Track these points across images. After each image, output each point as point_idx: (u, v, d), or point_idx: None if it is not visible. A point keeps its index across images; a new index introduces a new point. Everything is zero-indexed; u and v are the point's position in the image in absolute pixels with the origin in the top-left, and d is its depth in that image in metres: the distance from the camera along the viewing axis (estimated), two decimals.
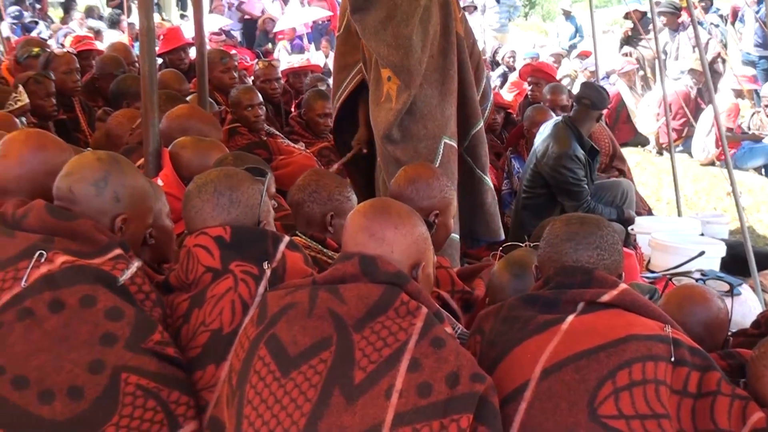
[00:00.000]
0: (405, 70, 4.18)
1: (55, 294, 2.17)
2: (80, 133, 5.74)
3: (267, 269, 2.39)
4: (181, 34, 7.55)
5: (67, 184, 2.38)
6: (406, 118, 4.24)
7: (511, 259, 2.89)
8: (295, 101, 7.24)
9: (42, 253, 2.21)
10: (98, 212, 2.38)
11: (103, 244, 2.31)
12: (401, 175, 3.43)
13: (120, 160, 2.49)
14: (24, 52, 6.23)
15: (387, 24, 4.15)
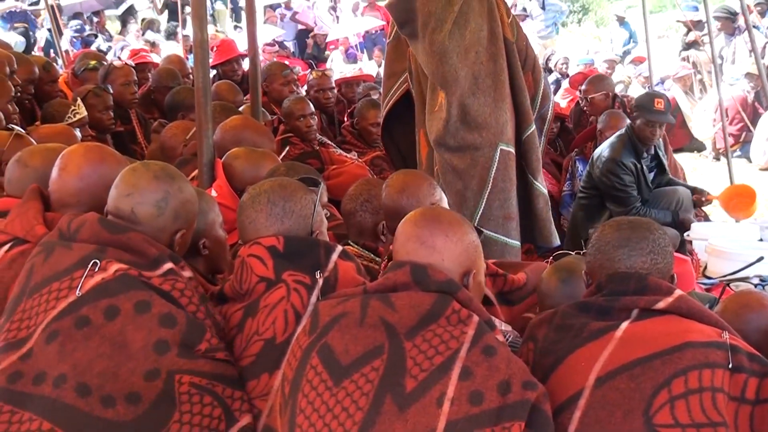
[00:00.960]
0: (441, 76, 4.20)
1: (110, 301, 2.21)
2: (137, 145, 5.81)
3: (319, 279, 2.40)
4: (235, 46, 7.63)
5: (129, 206, 2.40)
6: (461, 128, 4.24)
7: (559, 265, 2.86)
8: (348, 111, 7.26)
9: (96, 262, 2.25)
10: (158, 230, 2.41)
11: (154, 256, 2.34)
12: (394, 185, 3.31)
13: (174, 175, 2.50)
14: (81, 65, 6.33)
15: (423, 32, 4.19)
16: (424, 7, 4.19)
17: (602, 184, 5.79)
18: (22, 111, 4.79)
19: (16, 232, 2.55)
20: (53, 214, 2.61)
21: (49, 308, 2.21)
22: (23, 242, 2.53)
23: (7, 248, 2.54)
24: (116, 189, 2.43)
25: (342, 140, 6.42)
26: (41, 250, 2.34)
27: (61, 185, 2.66)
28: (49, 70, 5.72)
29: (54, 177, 2.67)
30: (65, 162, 2.69)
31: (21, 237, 2.54)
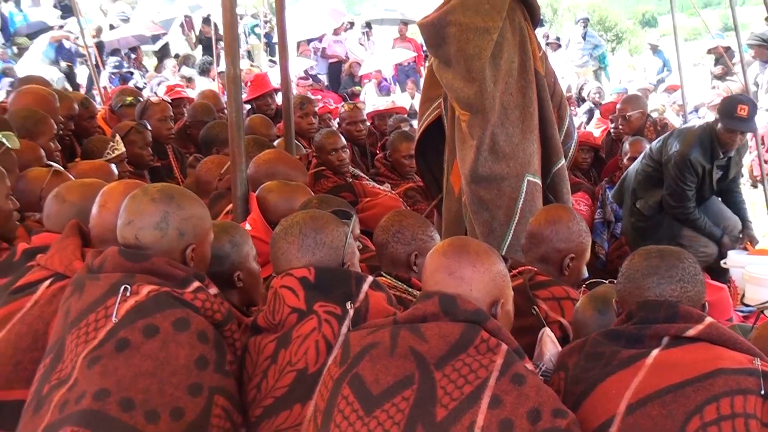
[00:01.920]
0: (478, 103, 4.21)
1: (147, 320, 2.24)
2: (173, 179, 5.84)
3: (350, 309, 2.42)
4: (268, 80, 7.70)
5: (132, 233, 2.43)
6: (489, 158, 4.25)
7: (594, 295, 2.87)
8: (380, 143, 7.31)
9: (126, 287, 2.28)
10: (167, 251, 2.44)
11: (181, 278, 2.37)
12: (542, 215, 3.44)
13: (173, 194, 2.51)
14: (118, 101, 6.40)
15: (459, 57, 4.19)
16: (461, 33, 4.20)
17: (666, 172, 5.71)
18: (63, 147, 4.86)
19: (56, 267, 2.59)
20: (91, 250, 2.64)
21: (90, 339, 2.24)
22: (63, 277, 2.57)
23: (47, 284, 2.59)
24: (120, 219, 2.47)
25: (375, 172, 6.45)
26: (74, 288, 2.38)
27: (101, 221, 2.69)
28: (88, 106, 5.79)
29: (94, 213, 2.72)
30: (105, 199, 2.73)
31: (61, 272, 2.58)
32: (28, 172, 3.65)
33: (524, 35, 4.37)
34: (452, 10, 4.21)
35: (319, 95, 11.72)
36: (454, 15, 4.20)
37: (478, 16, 4.18)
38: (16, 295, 2.60)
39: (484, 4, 4.19)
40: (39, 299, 2.56)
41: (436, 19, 4.26)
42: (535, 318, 3.04)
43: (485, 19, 4.18)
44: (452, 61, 4.23)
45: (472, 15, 4.18)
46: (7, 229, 3.17)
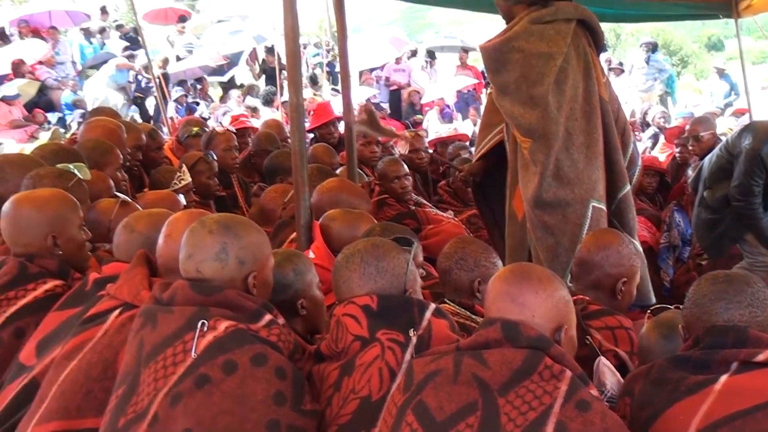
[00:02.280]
0: (540, 129, 4.19)
1: (226, 356, 2.25)
2: (238, 209, 5.91)
3: (413, 336, 2.42)
4: (331, 109, 7.76)
5: (193, 266, 2.45)
6: (553, 183, 4.22)
7: (659, 321, 2.83)
8: (442, 170, 7.31)
9: (204, 322, 2.30)
10: (230, 281, 2.45)
11: (252, 310, 2.39)
12: (591, 241, 3.44)
13: (230, 224, 2.53)
14: (185, 132, 6.47)
15: (521, 84, 4.18)
16: (524, 59, 4.20)
17: (736, 164, 5.55)
18: (131, 177, 4.94)
19: (125, 297, 2.63)
20: (159, 279, 2.68)
21: (168, 374, 2.26)
22: (131, 307, 2.60)
23: (117, 313, 2.62)
24: (181, 254, 2.49)
25: (438, 199, 6.46)
26: (145, 320, 2.40)
27: (167, 251, 2.73)
28: (155, 137, 5.86)
29: (160, 243, 2.76)
30: (170, 229, 2.76)
31: (129, 302, 2.62)
32: (98, 203, 3.73)
33: (588, 61, 4.35)
34: (516, 36, 4.21)
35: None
36: (517, 41, 4.20)
37: (543, 41, 4.17)
38: (87, 324, 2.63)
39: (548, 30, 4.18)
40: (109, 328, 2.59)
41: (499, 44, 4.26)
42: (589, 348, 3.02)
43: (549, 45, 4.17)
44: (513, 87, 4.22)
45: (536, 41, 4.17)
46: (80, 259, 3.22)
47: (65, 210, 3.15)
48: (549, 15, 4.22)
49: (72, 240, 3.15)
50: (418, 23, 43.73)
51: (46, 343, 2.75)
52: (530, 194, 4.27)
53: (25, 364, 2.73)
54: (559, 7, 4.25)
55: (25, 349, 2.79)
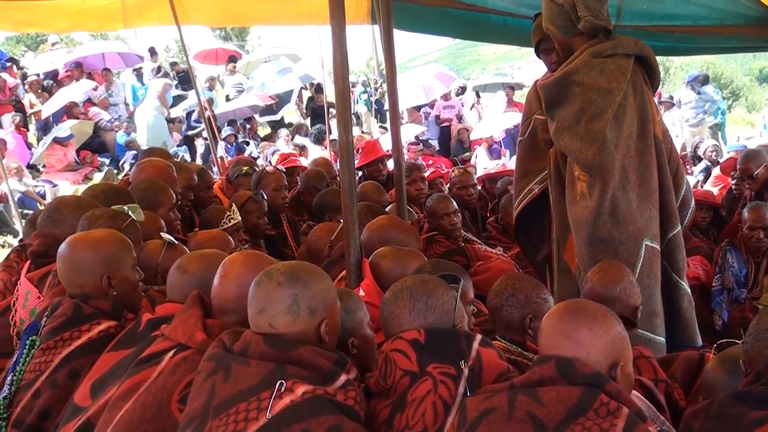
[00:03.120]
0: (597, 165, 4.14)
1: (302, 425, 2.22)
2: (287, 248, 5.94)
3: (464, 368, 2.41)
4: (379, 147, 7.78)
5: (266, 321, 2.44)
6: (609, 221, 4.17)
7: (725, 356, 2.78)
8: (491, 206, 7.29)
9: (282, 383, 2.28)
10: (303, 333, 2.44)
11: (328, 370, 2.37)
12: (603, 277, 3.44)
13: (297, 275, 2.52)
14: (235, 171, 6.52)
15: (580, 118, 4.14)
16: (584, 93, 4.15)
17: None
18: (182, 217, 4.99)
19: (179, 338, 2.65)
20: (213, 320, 2.70)
21: (239, 429, 2.24)
22: (185, 348, 2.62)
23: (171, 354, 2.63)
24: (250, 308, 2.48)
25: (487, 235, 6.44)
26: (216, 366, 2.38)
27: (221, 292, 2.75)
28: (204, 176, 5.92)
29: (215, 284, 2.77)
30: (225, 270, 2.78)
31: (183, 343, 2.63)
32: (146, 245, 3.76)
33: (644, 98, 4.29)
34: (576, 70, 4.18)
35: (430, 160, 11.80)
36: (578, 74, 4.17)
37: (603, 76, 4.14)
38: (142, 365, 2.65)
39: (609, 64, 4.15)
40: (163, 369, 2.60)
41: (559, 78, 4.22)
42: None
43: (609, 80, 4.14)
44: (571, 120, 4.17)
45: (596, 75, 4.14)
46: (134, 299, 3.25)
47: (119, 251, 3.19)
48: (610, 49, 4.17)
49: (126, 280, 3.18)
50: (464, 60, 43.95)
51: (100, 384, 2.77)
52: (585, 231, 4.23)
53: (80, 406, 2.75)
54: (619, 41, 4.21)
55: (79, 391, 2.81)
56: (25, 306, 3.47)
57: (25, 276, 3.56)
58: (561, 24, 4.24)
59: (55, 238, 3.50)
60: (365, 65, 31.27)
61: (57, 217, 3.74)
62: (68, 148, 14.19)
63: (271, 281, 2.47)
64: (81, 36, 26.67)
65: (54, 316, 3.06)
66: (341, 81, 3.71)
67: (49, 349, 2.99)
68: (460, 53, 44.98)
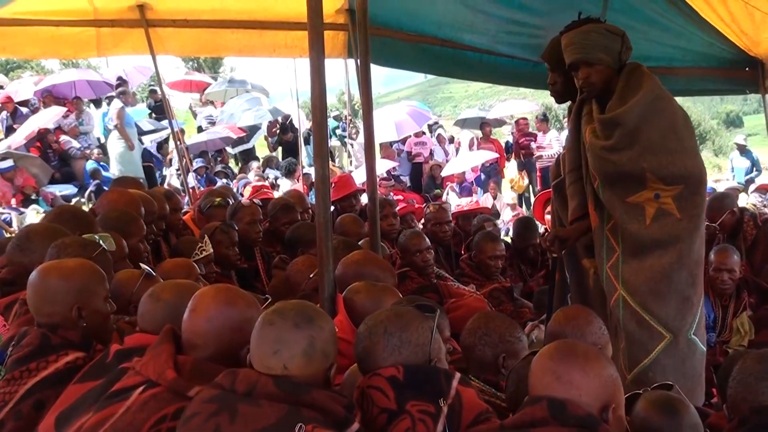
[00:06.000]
0: (698, 172, 4.20)
1: None
2: (259, 281, 5.89)
3: (443, 406, 2.38)
4: (353, 181, 7.78)
5: (280, 364, 2.37)
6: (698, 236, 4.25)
7: (654, 398, 2.70)
8: (465, 243, 7.29)
9: (302, 426, 2.22)
10: (314, 375, 2.39)
11: (341, 417, 2.31)
12: (566, 320, 3.42)
13: (312, 315, 2.46)
14: (207, 203, 6.44)
15: (670, 134, 4.16)
16: (670, 107, 4.24)
17: None
18: (151, 247, 4.93)
19: (149, 374, 2.57)
20: (185, 357, 2.63)
21: None
22: (155, 385, 2.55)
23: (140, 390, 2.56)
24: (260, 348, 2.41)
25: (460, 273, 6.43)
26: (219, 407, 2.30)
27: (191, 326, 2.69)
28: (171, 198, 5.86)
29: (185, 318, 2.71)
30: (195, 303, 2.72)
31: (153, 380, 2.56)
32: (119, 274, 3.70)
33: None
34: (657, 86, 4.24)
35: (400, 195, 11.81)
36: (660, 90, 4.24)
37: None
38: (110, 400, 2.58)
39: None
40: (131, 406, 2.53)
41: (641, 99, 4.19)
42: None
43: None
44: (657, 137, 4.17)
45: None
46: (104, 331, 3.18)
47: (92, 282, 3.13)
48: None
49: (97, 312, 3.13)
50: (437, 97, 44.28)
51: (66, 417, 2.69)
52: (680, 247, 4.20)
53: None
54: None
55: (44, 423, 2.74)
56: None
57: None
58: (614, 54, 4.25)
59: (24, 266, 3.46)
60: (337, 99, 31.38)
61: (26, 246, 3.69)
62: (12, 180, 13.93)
63: (286, 321, 2.41)
64: (51, 63, 26.63)
65: (20, 345, 2.99)
66: (319, 113, 3.70)
67: (14, 380, 2.92)
68: (432, 90, 45.34)
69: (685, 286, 4.19)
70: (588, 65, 4.23)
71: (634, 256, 4.22)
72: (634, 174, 4.17)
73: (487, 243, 6.30)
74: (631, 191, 4.20)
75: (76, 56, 14.41)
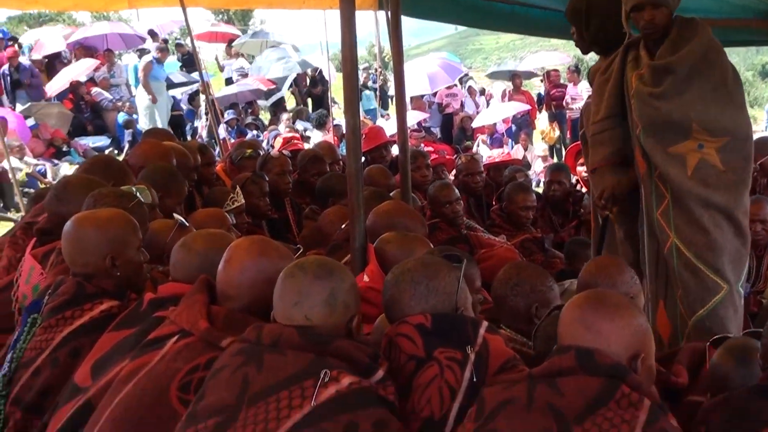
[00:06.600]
0: (742, 127, 4.17)
1: (349, 417, 2.17)
2: (290, 232, 5.92)
3: (471, 354, 2.39)
4: (383, 133, 7.76)
5: (301, 314, 2.38)
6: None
7: (732, 347, 2.68)
8: (496, 194, 7.27)
9: (327, 372, 2.23)
10: (335, 327, 2.40)
11: (365, 365, 2.31)
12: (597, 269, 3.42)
13: (332, 267, 2.48)
14: (239, 154, 6.48)
15: (721, 86, 4.12)
16: (721, 61, 4.15)
17: None
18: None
19: (183, 324, 2.59)
20: (218, 308, 2.64)
21: (282, 416, 2.18)
22: (188, 334, 2.57)
23: (174, 339, 2.58)
24: (281, 300, 2.42)
25: (491, 223, 6.42)
26: (247, 359, 2.32)
27: (225, 277, 2.69)
28: (205, 152, 5.86)
29: (219, 269, 2.71)
30: (230, 255, 2.72)
31: (187, 330, 2.58)
32: (153, 224, 3.71)
33: None
34: (709, 37, 4.17)
35: (431, 147, 11.77)
36: (712, 41, 4.16)
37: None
38: (146, 349, 2.61)
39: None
40: (165, 355, 2.56)
41: (696, 47, 4.13)
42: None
43: None
44: (708, 91, 4.12)
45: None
46: (137, 280, 3.21)
47: (125, 231, 3.15)
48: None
49: (130, 262, 3.15)
50: (467, 49, 43.86)
51: (101, 365, 2.74)
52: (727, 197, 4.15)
53: (80, 386, 2.72)
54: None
55: (80, 370, 2.78)
56: (28, 282, 3.44)
57: (30, 253, 3.53)
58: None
59: (61, 216, 3.45)
60: (366, 52, 31.15)
61: (63, 196, 3.70)
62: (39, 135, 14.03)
63: (307, 274, 2.42)
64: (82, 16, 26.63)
65: (56, 294, 3.03)
66: (349, 65, 3.67)
67: (50, 328, 2.96)
68: (463, 42, 44.88)
69: (735, 236, 4.16)
70: (654, 6, 4.17)
71: (682, 205, 4.19)
72: (679, 123, 4.12)
73: (518, 193, 6.29)
74: (674, 141, 4.14)
75: (107, 8, 14.46)
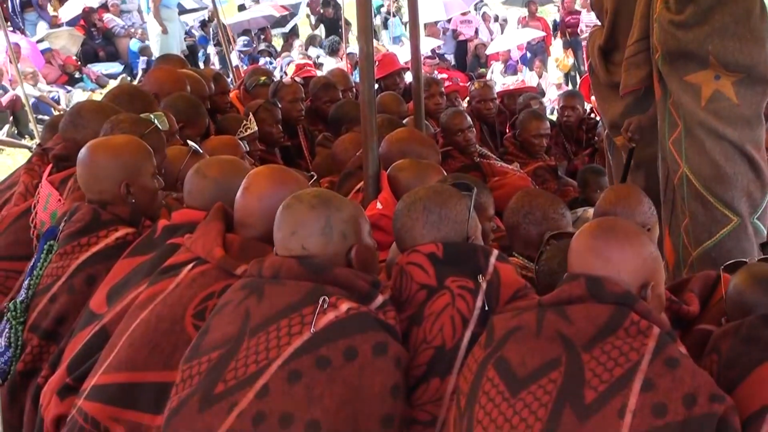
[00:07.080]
0: (760, 64, 4.06)
1: (348, 341, 2.18)
2: (303, 159, 5.90)
3: (482, 282, 2.39)
4: (397, 60, 7.69)
5: (298, 243, 2.37)
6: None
7: (753, 272, 2.56)
8: (510, 122, 7.23)
9: (325, 298, 2.23)
10: (333, 256, 2.39)
11: (365, 291, 2.32)
12: (615, 198, 3.41)
13: (329, 197, 2.47)
14: (252, 81, 6.44)
15: (744, 20, 4.03)
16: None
17: None
18: None
19: (198, 251, 2.60)
20: (233, 236, 2.64)
21: (282, 344, 2.19)
22: (203, 262, 2.57)
23: (189, 267, 2.59)
24: (279, 231, 2.41)
25: (504, 151, 6.40)
26: (250, 292, 2.33)
27: (243, 205, 2.68)
28: (219, 81, 5.83)
29: (238, 196, 2.70)
30: (249, 182, 2.71)
31: (202, 257, 2.58)
32: (167, 150, 3.68)
33: None
34: None
35: (445, 74, 11.69)
36: None
37: None
38: (162, 276, 2.62)
39: None
40: (181, 282, 2.57)
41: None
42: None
43: None
44: (730, 24, 4.04)
45: None
46: (152, 207, 3.21)
47: (139, 158, 3.14)
48: None
49: (145, 188, 3.15)
50: None
51: (116, 291, 2.77)
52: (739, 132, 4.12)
53: (95, 312, 2.76)
54: None
55: (95, 297, 2.82)
56: (46, 208, 3.45)
57: (47, 179, 3.53)
58: None
59: (77, 142, 3.44)
60: None
61: (78, 122, 3.67)
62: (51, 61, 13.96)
63: (303, 203, 2.41)
64: None
65: (72, 221, 3.04)
66: None
67: (66, 254, 2.98)
68: None
69: (749, 170, 4.13)
70: None
71: (693, 135, 4.16)
72: (697, 54, 4.07)
73: (531, 121, 6.24)
74: (690, 70, 4.10)
75: None
